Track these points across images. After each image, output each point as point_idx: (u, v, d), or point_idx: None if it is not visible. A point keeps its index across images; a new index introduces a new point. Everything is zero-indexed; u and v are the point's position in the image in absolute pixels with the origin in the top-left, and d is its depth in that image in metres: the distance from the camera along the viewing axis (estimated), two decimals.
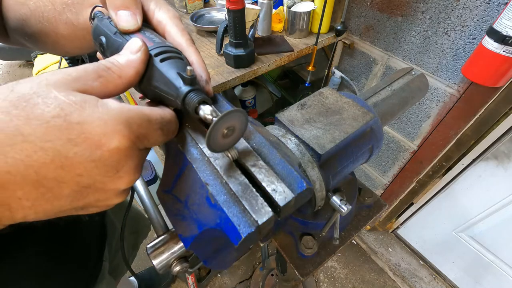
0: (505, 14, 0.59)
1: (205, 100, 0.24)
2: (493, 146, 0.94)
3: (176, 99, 0.25)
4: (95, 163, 0.19)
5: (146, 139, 0.22)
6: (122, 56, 0.24)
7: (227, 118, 0.22)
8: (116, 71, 0.23)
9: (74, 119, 0.18)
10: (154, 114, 0.23)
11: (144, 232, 1.01)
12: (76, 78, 0.20)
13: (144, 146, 0.22)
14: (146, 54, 0.25)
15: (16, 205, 0.18)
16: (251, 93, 1.54)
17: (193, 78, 0.24)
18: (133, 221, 0.92)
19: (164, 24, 0.30)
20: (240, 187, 0.24)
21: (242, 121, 0.24)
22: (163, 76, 0.25)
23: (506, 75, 0.67)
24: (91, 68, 0.21)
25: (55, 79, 0.19)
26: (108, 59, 0.24)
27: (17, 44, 0.41)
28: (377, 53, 1.02)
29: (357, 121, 0.39)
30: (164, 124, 0.24)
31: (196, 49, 0.30)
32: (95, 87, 0.21)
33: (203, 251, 0.30)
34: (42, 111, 0.17)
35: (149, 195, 0.51)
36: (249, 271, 1.50)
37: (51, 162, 0.17)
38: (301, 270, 0.46)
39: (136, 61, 0.24)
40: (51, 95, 0.18)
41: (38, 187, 0.18)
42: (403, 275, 1.45)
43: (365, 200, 0.54)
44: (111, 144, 0.19)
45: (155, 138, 0.23)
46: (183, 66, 0.26)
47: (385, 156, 1.24)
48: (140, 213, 0.99)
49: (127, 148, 0.20)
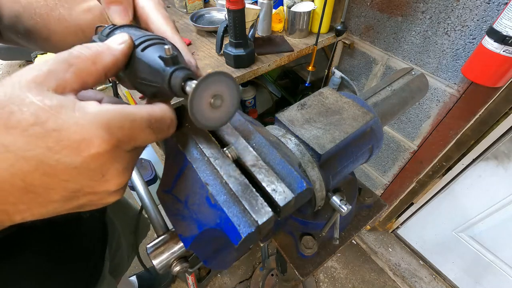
0: (505, 14, 0.59)
1: (190, 76, 0.22)
2: (493, 146, 0.93)
3: (163, 84, 0.23)
4: (77, 170, 0.18)
5: (133, 140, 0.21)
6: (102, 43, 0.23)
7: (210, 81, 0.20)
8: (90, 56, 0.21)
9: (51, 126, 0.17)
10: (139, 112, 0.21)
11: (144, 232, 1.01)
12: (48, 73, 0.19)
13: (132, 147, 0.21)
14: (130, 47, 0.24)
15: (12, 210, 0.18)
16: (251, 93, 1.54)
17: (174, 57, 0.22)
18: (133, 221, 0.92)
19: (147, 12, 0.29)
20: (240, 187, 0.24)
21: (230, 87, 0.22)
22: (146, 65, 0.23)
23: (506, 75, 0.67)
24: (62, 57, 0.20)
25: (28, 78, 0.18)
26: (85, 44, 0.22)
27: (10, 43, 0.41)
28: (377, 53, 1.02)
29: (357, 121, 0.39)
30: (153, 122, 0.22)
31: (180, 37, 0.30)
32: (67, 80, 0.20)
33: (203, 251, 0.30)
34: (19, 120, 0.17)
35: (149, 195, 0.51)
36: (249, 271, 1.50)
37: (35, 170, 0.17)
38: (301, 270, 0.46)
39: (117, 50, 0.23)
40: (26, 101, 0.17)
41: (27, 193, 0.18)
42: (403, 275, 1.45)
43: (365, 200, 0.54)
44: (90, 149, 0.18)
45: (144, 137, 0.21)
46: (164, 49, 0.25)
47: (385, 156, 1.24)
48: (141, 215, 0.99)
49: (109, 152, 0.19)
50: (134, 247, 0.97)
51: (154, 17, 0.29)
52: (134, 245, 0.96)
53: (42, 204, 0.19)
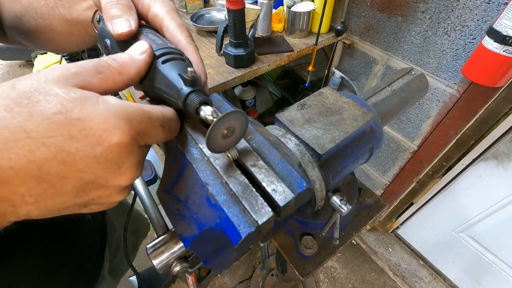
0: (505, 14, 0.59)
1: (206, 101, 0.24)
2: (493, 146, 0.93)
3: (178, 100, 0.25)
4: (96, 159, 0.19)
5: (147, 136, 0.22)
6: (126, 54, 0.24)
7: (226, 119, 0.22)
8: (117, 67, 0.23)
9: (75, 116, 0.18)
10: (155, 111, 0.23)
11: (144, 232, 1.01)
12: (75, 73, 0.20)
13: (145, 143, 0.22)
14: (151, 56, 0.25)
15: (19, 201, 0.18)
16: (251, 93, 1.54)
17: (194, 79, 0.24)
18: (132, 221, 0.92)
19: (161, 19, 0.29)
20: (240, 187, 0.24)
21: (242, 122, 0.24)
22: (165, 78, 0.25)
23: (506, 75, 0.67)
24: (91, 64, 0.21)
25: (54, 75, 0.19)
26: (111, 55, 0.24)
27: (14, 43, 0.41)
28: (377, 53, 1.02)
29: (357, 121, 0.39)
30: (165, 121, 0.24)
31: (195, 47, 0.30)
32: (93, 83, 0.21)
33: (203, 251, 0.30)
34: (44, 108, 0.17)
35: (149, 195, 0.51)
36: (249, 271, 1.50)
37: (53, 158, 0.18)
38: (301, 270, 0.46)
39: (140, 61, 0.24)
40: (51, 92, 0.18)
41: (41, 182, 0.18)
42: (403, 275, 1.45)
43: (365, 200, 0.54)
44: (112, 139, 0.19)
45: (156, 135, 0.23)
46: (184, 67, 0.26)
47: (385, 156, 1.24)
48: (140, 213, 0.99)
49: (128, 144, 0.20)
50: (134, 248, 0.97)
51: (168, 25, 0.29)
52: (134, 245, 0.96)
53: (52, 196, 0.19)
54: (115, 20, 0.27)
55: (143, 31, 0.29)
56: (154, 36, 0.28)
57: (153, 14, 0.30)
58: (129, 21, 0.27)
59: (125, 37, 0.27)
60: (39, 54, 1.53)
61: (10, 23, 0.37)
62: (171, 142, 0.30)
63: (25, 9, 0.35)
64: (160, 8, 0.29)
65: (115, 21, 0.27)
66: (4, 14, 0.36)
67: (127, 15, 0.27)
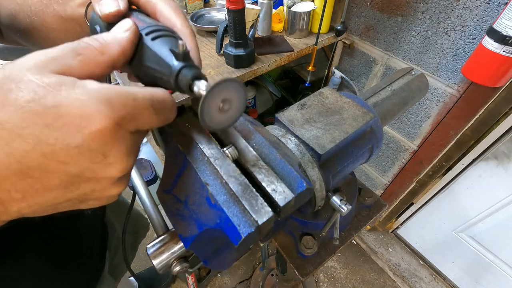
0: (505, 14, 0.59)
1: (199, 75, 0.22)
2: (493, 146, 0.93)
3: (170, 78, 0.23)
4: (78, 149, 0.17)
5: (136, 120, 0.20)
6: (108, 33, 0.23)
7: (221, 88, 0.20)
8: (98, 47, 0.21)
9: (49, 103, 0.17)
10: (142, 91, 0.20)
11: (143, 232, 1.01)
12: (53, 58, 0.19)
13: (135, 128, 0.20)
14: (136, 34, 0.24)
15: (6, 198, 0.17)
16: (251, 93, 1.54)
17: (186, 54, 0.22)
18: (132, 221, 0.92)
19: (154, 3, 0.28)
20: (240, 187, 0.24)
21: (239, 92, 0.22)
22: (155, 54, 0.23)
23: (506, 75, 0.67)
24: (70, 47, 0.20)
25: (30, 62, 0.18)
26: (92, 35, 0.22)
27: (11, 42, 0.41)
28: (377, 53, 1.02)
29: (357, 121, 0.39)
30: (155, 102, 0.21)
31: (191, 31, 0.28)
32: (73, 67, 0.19)
33: (203, 251, 0.30)
34: (16, 96, 0.16)
35: (149, 195, 0.51)
36: (249, 271, 1.50)
37: (32, 150, 0.16)
38: (301, 270, 0.46)
39: (123, 39, 0.23)
40: (24, 79, 0.17)
41: (24, 177, 0.17)
42: (403, 275, 1.45)
43: (365, 200, 0.54)
44: (92, 126, 0.17)
45: (146, 119, 0.21)
46: (176, 43, 0.24)
47: (385, 156, 1.24)
48: (139, 213, 0.99)
49: (112, 130, 0.18)
50: (133, 248, 0.97)
51: (162, 9, 0.28)
52: (133, 245, 0.96)
53: (39, 191, 0.18)
54: (102, 1, 0.26)
55: (133, 13, 0.27)
56: (144, 17, 0.27)
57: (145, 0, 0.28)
58: (117, 1, 0.26)
59: (113, 18, 0.26)
60: None
61: (5, 21, 0.36)
62: (171, 142, 0.30)
63: (19, 6, 0.34)
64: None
65: (102, 1, 0.26)
66: (0, 13, 0.36)
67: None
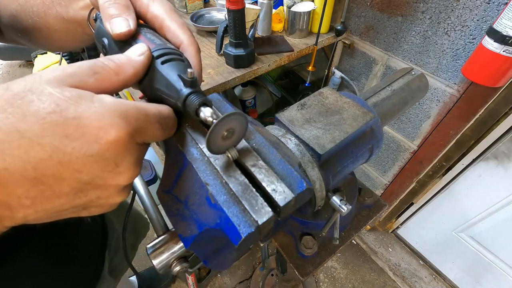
0: (505, 14, 0.59)
1: (205, 102, 0.24)
2: (493, 146, 0.93)
3: (177, 101, 0.25)
4: (93, 158, 0.18)
5: (144, 133, 0.22)
6: (123, 55, 0.24)
7: (226, 121, 0.22)
8: (114, 68, 0.23)
9: (70, 114, 0.18)
10: (151, 108, 0.23)
11: (143, 232, 1.01)
12: (71, 74, 0.20)
13: (142, 141, 0.22)
14: (149, 58, 0.25)
15: (16, 204, 0.18)
16: (251, 93, 1.54)
17: (194, 80, 0.24)
18: (132, 221, 0.92)
19: (162, 19, 0.29)
20: (240, 187, 0.24)
21: (242, 123, 0.24)
22: (164, 79, 0.25)
23: (506, 75, 0.67)
24: (87, 65, 0.21)
25: (49, 76, 0.19)
26: (108, 56, 0.23)
27: (11, 42, 0.41)
28: (377, 53, 1.02)
29: (357, 121, 0.39)
30: (162, 118, 0.24)
31: (197, 48, 0.30)
32: (89, 83, 0.21)
33: (203, 251, 0.30)
34: (38, 108, 0.17)
35: (149, 195, 0.51)
36: (249, 271, 1.50)
37: (49, 158, 0.17)
38: (301, 270, 0.46)
39: (137, 62, 0.24)
40: (45, 92, 0.18)
41: (37, 184, 0.18)
42: (403, 275, 1.45)
43: (365, 200, 0.54)
44: (108, 137, 0.19)
45: (153, 133, 0.23)
46: (184, 68, 0.26)
47: (385, 156, 1.24)
48: (139, 213, 0.99)
49: (125, 141, 0.20)
50: (134, 248, 0.97)
51: (169, 25, 0.29)
52: (134, 245, 0.96)
53: (49, 198, 0.19)
54: (113, 20, 0.27)
55: (142, 30, 0.28)
56: (153, 36, 0.28)
57: (152, 15, 0.29)
58: (128, 20, 0.27)
59: (124, 37, 0.27)
60: (39, 54, 1.53)
61: (6, 21, 0.37)
62: (171, 142, 0.30)
63: (21, 7, 0.35)
64: (159, 8, 0.29)
65: (113, 20, 0.27)
66: (1, 13, 0.36)
67: (126, 15, 0.27)
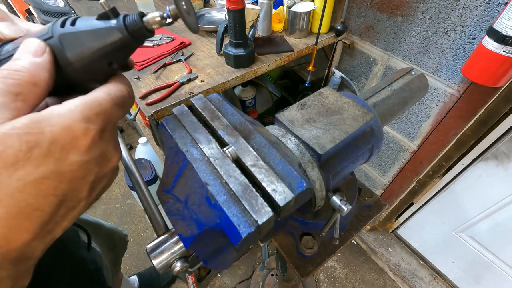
0: (505, 14, 0.59)
1: (141, 13, 0.22)
2: (493, 146, 0.93)
3: (123, 38, 0.21)
4: (87, 162, 0.21)
5: (110, 120, 0.22)
6: (22, 60, 0.21)
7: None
8: (28, 79, 0.20)
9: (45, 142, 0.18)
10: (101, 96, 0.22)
11: (122, 244, 0.98)
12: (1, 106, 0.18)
13: (111, 125, 0.23)
14: (51, 54, 0.22)
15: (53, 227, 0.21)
16: (251, 93, 1.54)
17: (114, 8, 0.21)
18: (108, 238, 0.90)
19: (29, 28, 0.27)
20: (240, 187, 0.24)
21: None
22: (89, 33, 0.21)
23: (506, 75, 0.67)
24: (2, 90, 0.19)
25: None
26: (6, 68, 0.20)
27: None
28: (377, 53, 1.02)
29: (357, 121, 0.39)
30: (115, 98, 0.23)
31: None
32: (20, 108, 0.19)
33: (203, 251, 0.30)
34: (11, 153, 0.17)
35: (149, 195, 0.51)
36: (249, 271, 1.50)
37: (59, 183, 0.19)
38: (301, 270, 0.46)
39: (44, 63, 0.21)
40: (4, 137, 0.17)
41: (62, 204, 0.20)
42: (403, 275, 1.45)
43: (365, 200, 0.54)
44: (84, 141, 0.20)
45: (114, 115, 0.23)
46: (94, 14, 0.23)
47: (385, 156, 1.24)
48: (112, 228, 0.96)
49: (99, 137, 0.21)
50: (116, 264, 0.95)
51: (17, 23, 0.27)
52: (115, 261, 0.93)
53: (74, 207, 0.21)
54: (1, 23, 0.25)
55: None
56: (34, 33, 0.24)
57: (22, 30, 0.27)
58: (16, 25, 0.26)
59: None
60: None
61: None
62: (171, 142, 0.30)
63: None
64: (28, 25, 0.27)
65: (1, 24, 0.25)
66: None
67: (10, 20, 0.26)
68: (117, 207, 1.77)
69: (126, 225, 1.68)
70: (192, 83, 0.83)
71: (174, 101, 0.76)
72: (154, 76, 0.86)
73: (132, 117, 0.92)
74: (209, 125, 0.32)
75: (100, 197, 0.25)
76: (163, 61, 0.91)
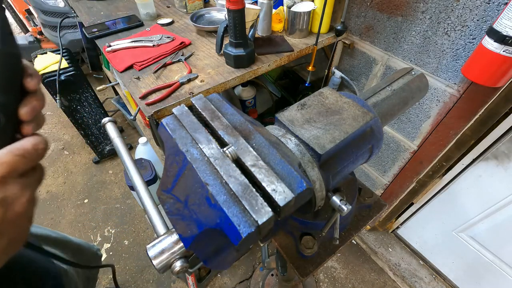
0: (505, 14, 0.59)
1: None
2: (493, 146, 0.93)
3: None
4: None
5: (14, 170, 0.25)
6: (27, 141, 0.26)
7: None
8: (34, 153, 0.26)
9: None
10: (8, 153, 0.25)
11: (95, 259, 0.94)
12: None
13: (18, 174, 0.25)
14: None
15: None
16: (251, 93, 1.54)
17: None
18: (77, 256, 0.85)
19: None
20: (240, 187, 0.24)
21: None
22: None
23: (506, 75, 0.67)
24: None
25: None
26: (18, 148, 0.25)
27: None
28: (377, 53, 1.02)
29: (357, 121, 0.39)
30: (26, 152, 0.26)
31: None
32: None
33: (203, 251, 0.30)
34: None
35: (149, 195, 0.51)
36: (249, 271, 1.50)
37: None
38: (301, 270, 0.46)
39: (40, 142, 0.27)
40: None
41: None
42: (403, 275, 1.45)
43: (365, 200, 0.54)
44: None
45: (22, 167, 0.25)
46: None
47: (385, 156, 1.24)
48: (81, 245, 0.91)
49: None
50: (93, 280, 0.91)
51: None
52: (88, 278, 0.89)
53: None
54: None
55: None
56: None
57: None
58: None
59: None
60: (39, 54, 1.53)
61: None
62: (171, 142, 0.30)
63: None
64: None
65: None
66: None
67: None
68: (117, 207, 1.77)
69: (126, 225, 1.68)
70: (192, 83, 0.83)
71: (174, 101, 0.76)
72: (154, 76, 0.86)
73: (132, 117, 0.92)
74: (209, 125, 0.32)
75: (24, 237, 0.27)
76: (163, 61, 0.91)
